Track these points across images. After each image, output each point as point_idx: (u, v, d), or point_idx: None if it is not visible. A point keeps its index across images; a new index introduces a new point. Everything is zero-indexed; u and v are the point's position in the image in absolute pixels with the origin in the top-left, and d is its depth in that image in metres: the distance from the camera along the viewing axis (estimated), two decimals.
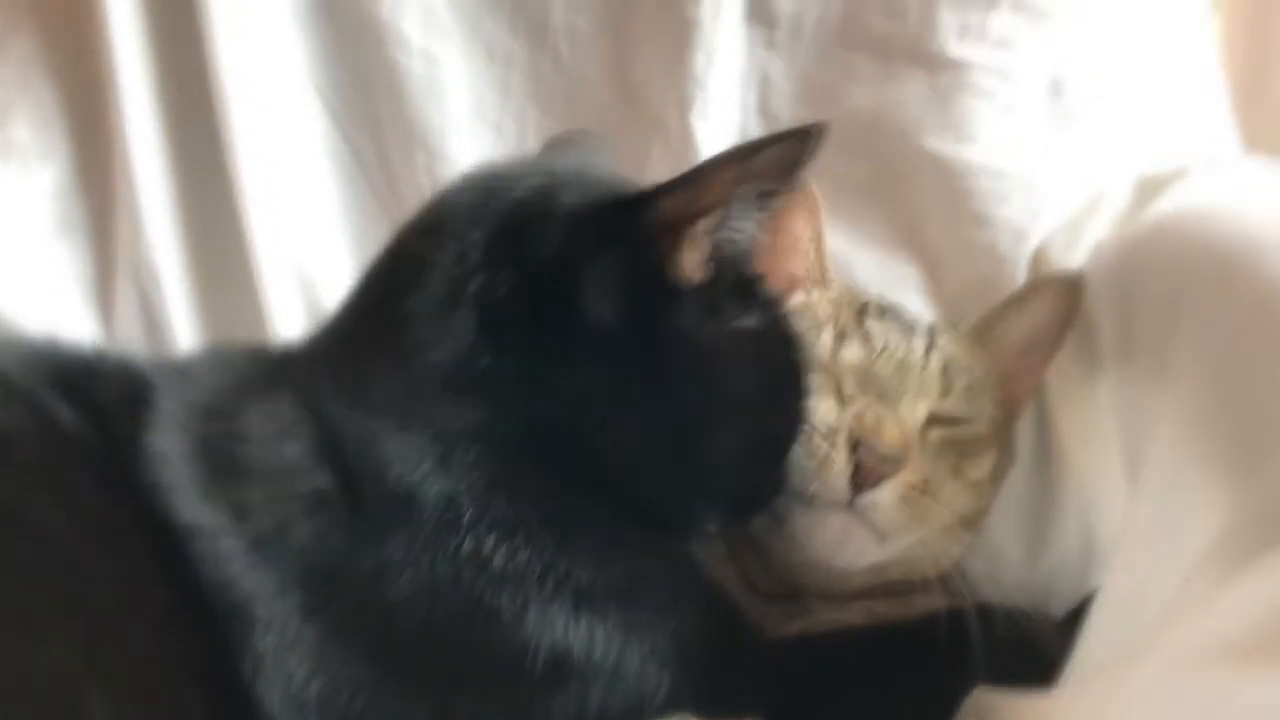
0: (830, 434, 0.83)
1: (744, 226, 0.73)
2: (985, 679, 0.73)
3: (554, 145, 1.01)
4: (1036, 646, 0.81)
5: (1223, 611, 0.48)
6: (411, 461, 0.69)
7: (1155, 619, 0.59)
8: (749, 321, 0.77)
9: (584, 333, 0.72)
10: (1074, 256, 1.00)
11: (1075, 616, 0.80)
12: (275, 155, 1.28)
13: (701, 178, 0.71)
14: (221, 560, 0.65)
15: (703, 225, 0.71)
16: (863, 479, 0.82)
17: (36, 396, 0.68)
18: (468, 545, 0.68)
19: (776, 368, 0.80)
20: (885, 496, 0.82)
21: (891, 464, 0.83)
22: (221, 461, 0.68)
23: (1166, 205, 0.92)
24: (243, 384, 0.75)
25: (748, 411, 0.77)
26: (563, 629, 0.69)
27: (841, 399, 0.87)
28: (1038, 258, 1.05)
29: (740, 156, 0.70)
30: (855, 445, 0.83)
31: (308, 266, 1.29)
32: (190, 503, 0.66)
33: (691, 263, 0.72)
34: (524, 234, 0.74)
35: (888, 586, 0.90)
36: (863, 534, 0.84)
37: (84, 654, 0.57)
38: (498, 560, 0.68)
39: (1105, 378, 0.90)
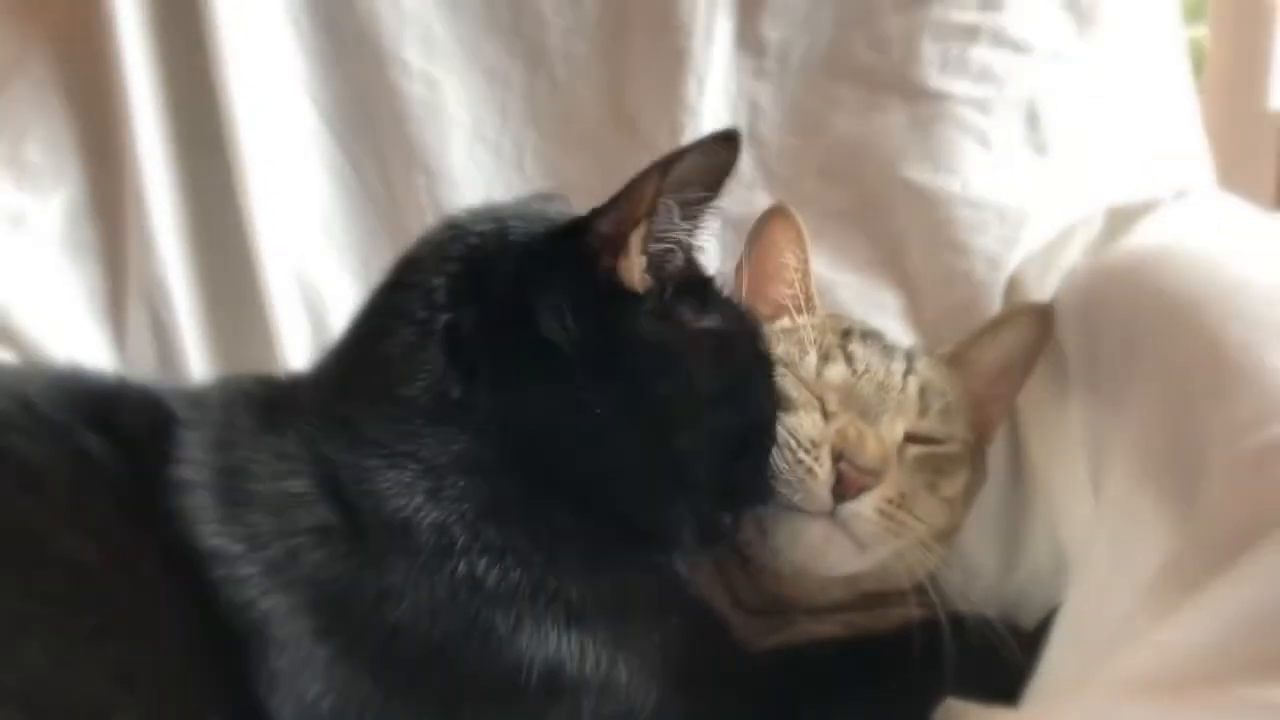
0: (814, 447, 0.88)
1: (680, 234, 0.79)
2: (956, 688, 0.78)
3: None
4: (1005, 657, 0.85)
5: (1153, 648, 0.53)
6: (404, 495, 0.74)
7: (1106, 642, 0.63)
8: (705, 322, 0.83)
9: (547, 354, 0.77)
10: (1047, 284, 1.05)
11: (1043, 628, 0.85)
12: (281, 176, 1.32)
13: (629, 193, 0.77)
14: (239, 585, 0.70)
15: (636, 236, 0.77)
16: (845, 490, 0.87)
17: (65, 427, 0.72)
18: (462, 569, 0.73)
19: (739, 364, 0.85)
20: (865, 507, 0.87)
21: (871, 476, 0.88)
22: (236, 493, 0.73)
23: (1134, 239, 0.97)
24: (252, 419, 0.79)
25: (715, 407, 0.82)
26: (555, 644, 0.73)
27: (825, 415, 0.92)
28: (1012, 285, 1.10)
29: (660, 168, 0.75)
30: (838, 458, 0.87)
31: (313, 284, 1.33)
32: (210, 531, 0.71)
33: (634, 272, 0.78)
34: (480, 272, 0.80)
35: (864, 599, 0.95)
36: (843, 542, 0.88)
37: (115, 679, 0.61)
38: (490, 582, 0.73)
39: (1073, 402, 0.95)
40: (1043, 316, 0.98)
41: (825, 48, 1.25)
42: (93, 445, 0.72)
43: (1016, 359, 0.99)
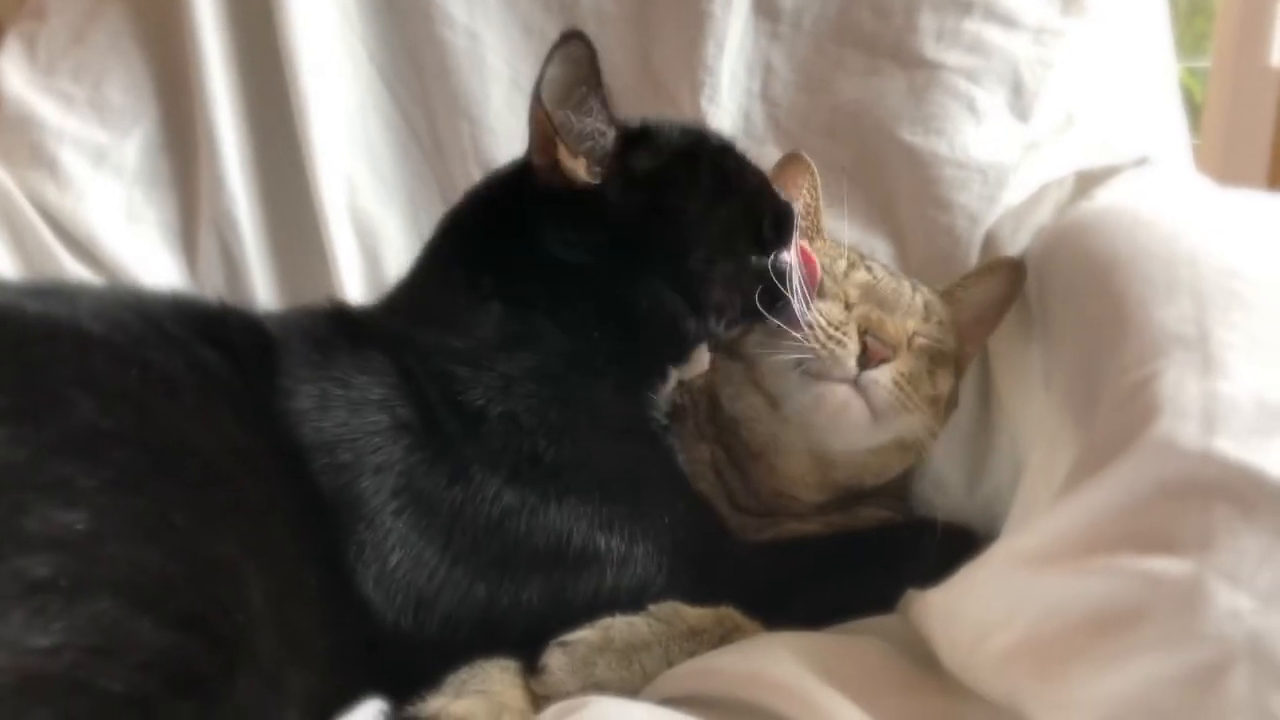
0: (839, 327, 1.03)
1: (592, 126, 0.97)
2: (920, 580, 0.91)
3: None
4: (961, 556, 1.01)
5: (1038, 531, 0.69)
6: (480, 391, 0.92)
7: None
8: (659, 158, 1.01)
9: (567, 266, 0.98)
10: (1019, 239, 1.18)
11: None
12: (338, 120, 1.46)
13: (530, 127, 0.98)
14: (337, 471, 0.86)
15: (561, 150, 0.97)
16: (869, 359, 1.02)
17: (189, 344, 0.87)
18: (525, 450, 0.90)
19: (707, 166, 1.03)
20: (884, 376, 1.02)
21: (891, 350, 1.03)
22: (330, 398, 0.89)
23: (1089, 203, 1.10)
24: (338, 337, 0.95)
25: (710, 209, 1.01)
26: (591, 517, 0.90)
27: (848, 306, 1.08)
28: (989, 239, 1.23)
29: (534, 93, 0.96)
30: (863, 334, 1.03)
31: (365, 219, 1.47)
32: (312, 429, 0.87)
33: (579, 174, 0.98)
34: (491, 233, 1.02)
35: (843, 501, 1.11)
36: (861, 408, 1.02)
37: (243, 546, 0.75)
38: (548, 459, 0.90)
39: (1034, 341, 1.09)
40: (1019, 270, 1.12)
41: (834, 14, 1.37)
42: (209, 359, 0.87)
43: (993, 304, 1.14)
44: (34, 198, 1.38)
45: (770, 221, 1.04)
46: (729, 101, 1.39)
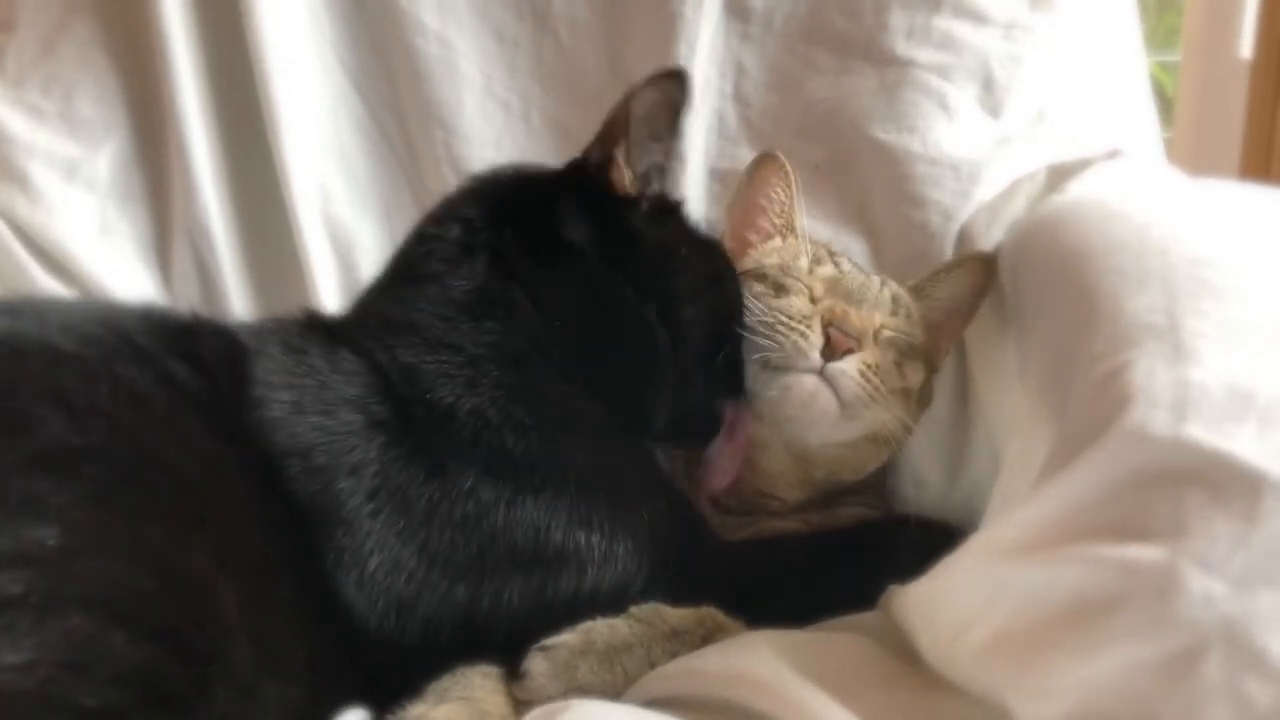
0: (804, 319, 1.04)
1: (653, 156, 1.04)
2: (901, 576, 0.92)
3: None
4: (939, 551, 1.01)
5: (1013, 523, 0.69)
6: (447, 385, 0.92)
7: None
8: (676, 226, 1.08)
9: (569, 255, 1.01)
10: (993, 233, 1.18)
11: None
12: (311, 129, 1.45)
13: (608, 123, 1.04)
14: (312, 475, 0.86)
15: (620, 152, 1.02)
16: (832, 350, 1.03)
17: (159, 358, 0.86)
18: (495, 445, 0.90)
19: (715, 263, 1.09)
20: (849, 366, 1.03)
21: (855, 341, 1.04)
22: (304, 403, 0.89)
23: (1061, 196, 1.11)
24: (309, 343, 0.95)
25: (705, 291, 1.05)
26: (568, 514, 0.90)
27: (814, 300, 1.09)
28: (963, 234, 1.23)
29: (626, 99, 1.01)
30: (827, 325, 1.04)
31: (340, 227, 1.47)
32: (286, 435, 0.87)
33: (624, 180, 1.03)
34: (510, 201, 1.05)
35: (823, 499, 1.11)
36: (829, 398, 1.03)
37: (215, 559, 0.75)
38: (518, 454, 0.90)
39: (1009, 334, 1.10)
40: (989, 264, 1.13)
41: (804, 14, 1.37)
42: (179, 372, 0.87)
43: (964, 298, 1.15)
44: (5, 212, 1.37)
45: (724, 357, 1.06)
46: (701, 103, 1.39)
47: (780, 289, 1.10)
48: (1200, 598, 0.58)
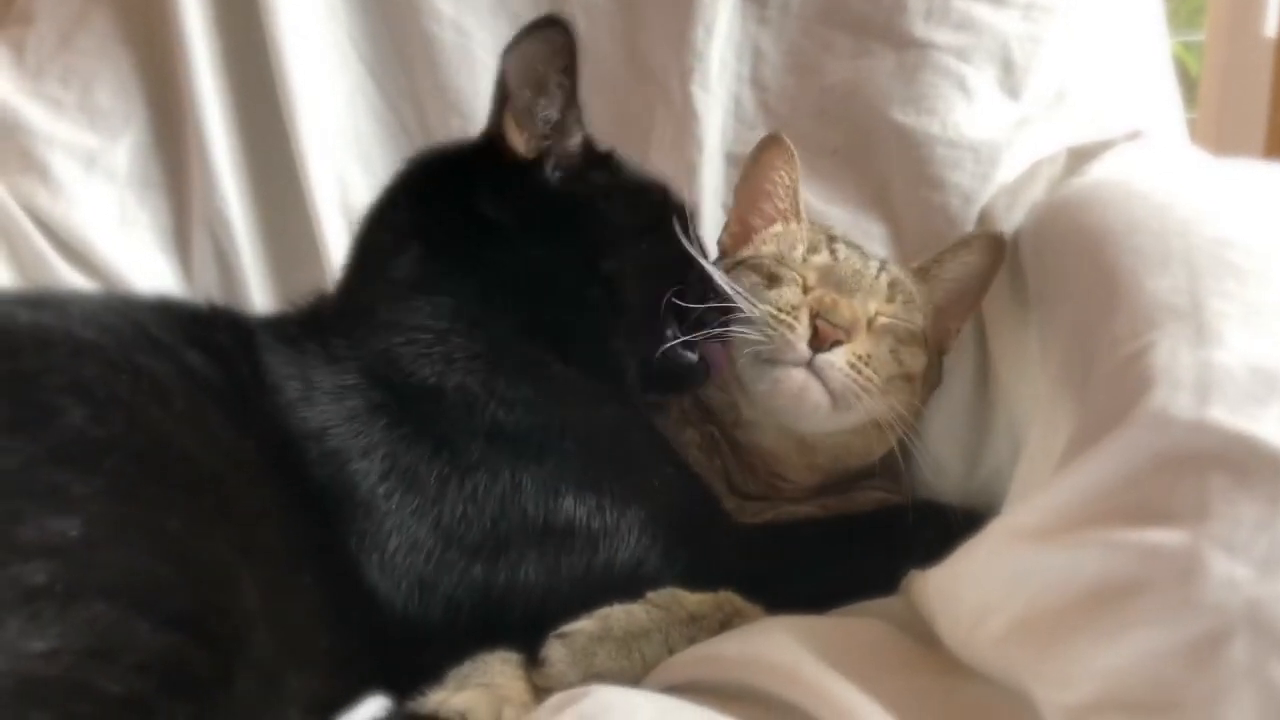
0: (793, 310, 1.03)
1: (549, 110, 1.03)
2: (918, 561, 0.92)
3: None
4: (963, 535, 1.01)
5: (1034, 506, 0.69)
6: (427, 365, 0.94)
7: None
8: (601, 177, 1.07)
9: (488, 228, 1.02)
10: (1014, 216, 1.17)
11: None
12: (327, 117, 1.46)
13: (496, 80, 1.03)
14: (328, 459, 0.87)
15: (508, 118, 1.02)
16: (820, 341, 1.02)
17: (177, 349, 0.87)
18: (488, 418, 0.92)
19: (649, 208, 1.08)
20: (838, 358, 1.02)
21: (843, 332, 1.02)
22: (311, 390, 0.91)
23: (1082, 178, 1.10)
24: (305, 331, 0.98)
25: (634, 240, 1.05)
26: (575, 480, 0.91)
27: (805, 290, 1.07)
28: (983, 217, 1.22)
29: (502, 55, 1.02)
30: (815, 316, 1.03)
31: (358, 215, 1.45)
32: (300, 419, 0.88)
33: (519, 144, 1.03)
34: (432, 184, 1.07)
35: (839, 484, 1.11)
36: (818, 390, 1.03)
37: (235, 546, 0.76)
38: (509, 428, 0.92)
39: (1031, 318, 1.09)
40: (998, 243, 1.11)
41: None
42: (197, 362, 0.88)
43: (973, 278, 1.13)
44: (26, 204, 1.38)
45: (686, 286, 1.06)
46: (719, 87, 1.39)
47: (774, 280, 1.09)
48: (1224, 581, 0.57)
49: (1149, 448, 0.63)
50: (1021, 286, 1.11)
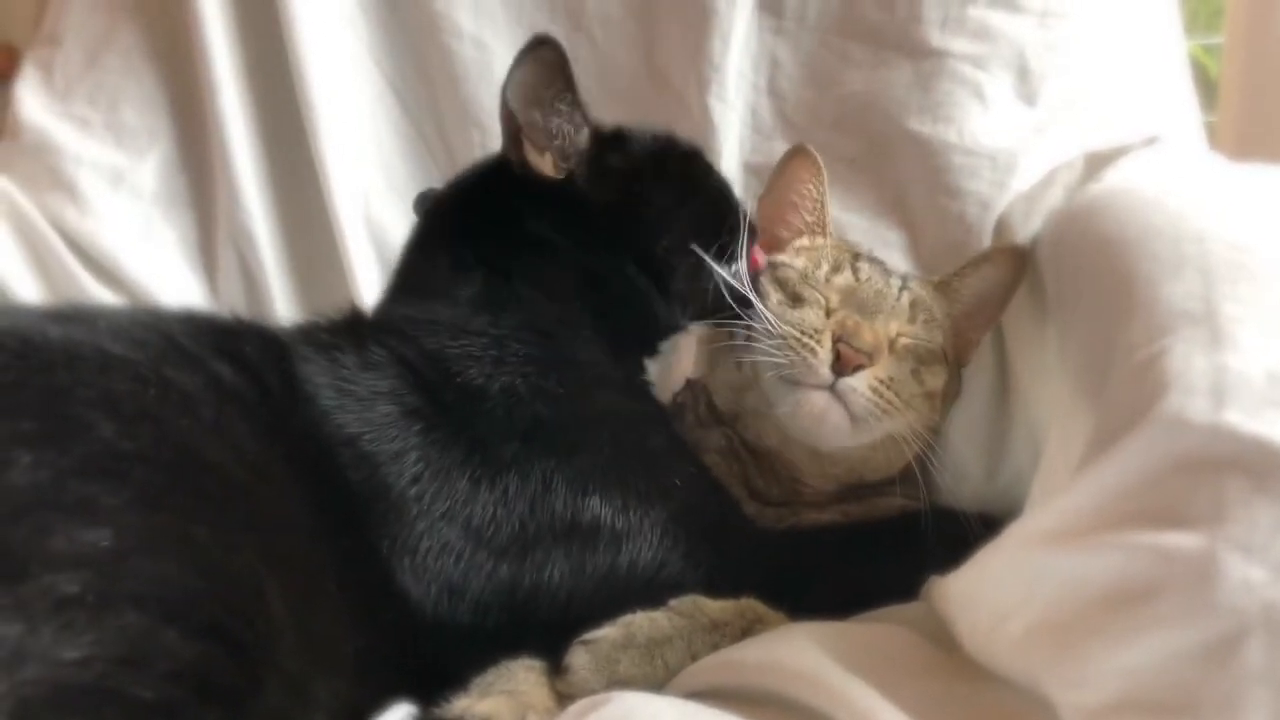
0: (814, 335, 1.04)
1: (561, 125, 1.05)
2: (938, 568, 0.92)
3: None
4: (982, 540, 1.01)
5: (1053, 510, 0.69)
6: (475, 366, 0.96)
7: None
8: (631, 157, 1.09)
9: (544, 247, 1.05)
10: (1031, 223, 1.18)
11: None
12: (350, 132, 1.48)
13: (501, 121, 1.07)
14: (359, 463, 0.88)
15: (528, 146, 1.05)
16: (842, 366, 1.03)
17: (204, 361, 0.88)
18: (530, 419, 0.94)
19: (677, 168, 1.12)
20: (860, 383, 1.03)
21: (865, 356, 1.03)
22: (346, 397, 0.92)
23: (1099, 184, 1.10)
24: (337, 339, 0.99)
25: (671, 208, 1.08)
26: (601, 480, 0.92)
27: (828, 313, 1.08)
28: (1000, 224, 1.23)
29: (501, 95, 1.05)
30: (838, 340, 1.04)
31: (380, 229, 1.49)
32: (335, 425, 0.90)
33: (546, 168, 1.06)
34: (480, 217, 1.09)
35: (859, 491, 1.12)
36: (840, 413, 1.04)
37: (262, 558, 0.76)
38: (551, 424, 0.94)
39: (1050, 326, 1.09)
40: (1018, 257, 1.12)
41: (838, 7, 1.38)
42: (224, 373, 0.89)
43: (993, 291, 1.14)
44: (55, 221, 1.41)
45: (729, 223, 1.08)
46: (736, 98, 1.40)
47: (797, 299, 1.10)
48: (1240, 584, 0.58)
49: (1165, 451, 0.64)
50: (1040, 292, 1.11)
